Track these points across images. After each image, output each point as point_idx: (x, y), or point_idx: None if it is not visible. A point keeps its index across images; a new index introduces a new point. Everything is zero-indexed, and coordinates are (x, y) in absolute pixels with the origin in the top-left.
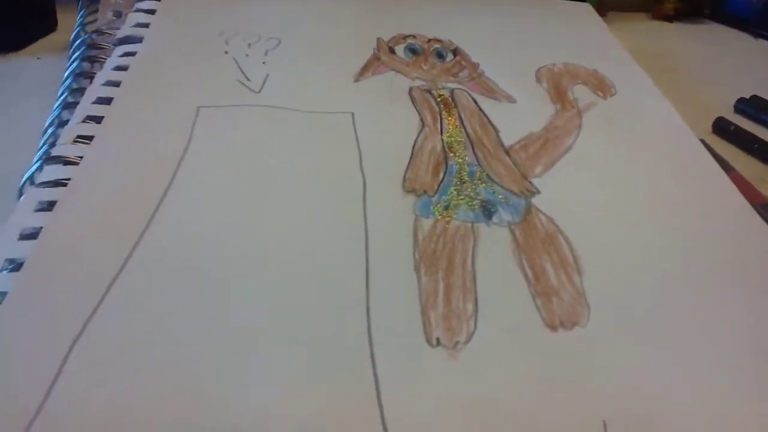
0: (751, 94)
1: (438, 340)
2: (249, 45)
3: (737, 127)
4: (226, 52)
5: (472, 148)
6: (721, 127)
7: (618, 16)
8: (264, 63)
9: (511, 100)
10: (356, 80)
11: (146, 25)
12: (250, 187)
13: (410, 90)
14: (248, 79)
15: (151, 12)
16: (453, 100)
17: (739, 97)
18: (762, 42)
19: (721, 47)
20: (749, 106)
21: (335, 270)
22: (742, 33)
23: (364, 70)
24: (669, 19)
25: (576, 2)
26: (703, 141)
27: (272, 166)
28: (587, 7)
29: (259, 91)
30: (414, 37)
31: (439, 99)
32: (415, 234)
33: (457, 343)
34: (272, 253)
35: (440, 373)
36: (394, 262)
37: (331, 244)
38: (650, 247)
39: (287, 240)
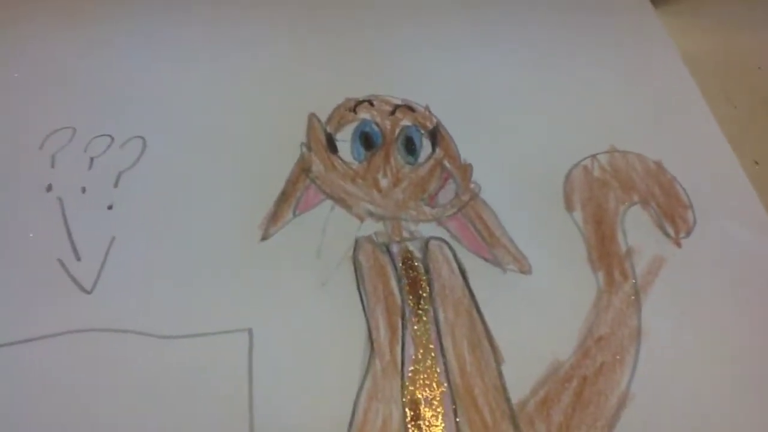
0: None
1: None
2: (90, 162)
3: None
4: (49, 188)
5: (454, 408)
6: None
7: None
8: (110, 208)
9: (523, 267)
10: (264, 237)
11: None
12: None
13: (355, 248)
14: (78, 258)
15: None
16: (426, 269)
17: None
18: None
19: None
20: None
21: None
22: None
23: (281, 206)
24: None
25: None
26: None
27: None
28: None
29: (90, 291)
30: (371, 104)
31: (402, 266)
32: None
33: None
34: None
35: None
36: None
37: None
38: None
39: None
